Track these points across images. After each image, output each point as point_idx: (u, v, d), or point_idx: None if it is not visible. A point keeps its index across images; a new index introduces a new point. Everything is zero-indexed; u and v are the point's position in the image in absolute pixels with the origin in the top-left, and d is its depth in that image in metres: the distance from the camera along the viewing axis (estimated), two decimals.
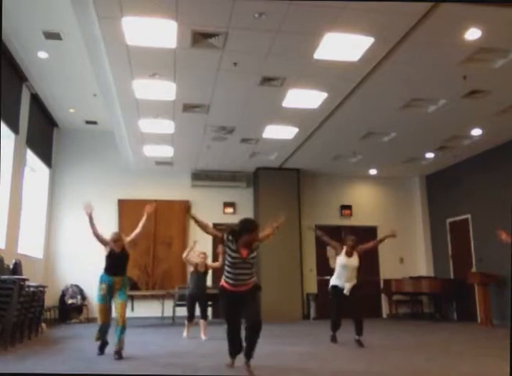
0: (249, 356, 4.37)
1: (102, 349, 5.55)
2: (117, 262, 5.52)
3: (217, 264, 7.50)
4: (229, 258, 4.31)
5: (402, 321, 10.93)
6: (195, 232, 11.59)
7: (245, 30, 5.56)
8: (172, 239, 11.44)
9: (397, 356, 5.66)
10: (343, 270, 6.53)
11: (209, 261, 8.48)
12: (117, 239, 5.55)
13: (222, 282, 4.45)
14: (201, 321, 7.31)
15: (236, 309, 4.38)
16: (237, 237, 4.30)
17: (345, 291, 6.44)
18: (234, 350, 4.58)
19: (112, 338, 5.47)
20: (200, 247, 8.10)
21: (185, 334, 7.34)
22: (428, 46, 5.88)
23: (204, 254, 7.68)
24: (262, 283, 10.64)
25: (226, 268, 4.38)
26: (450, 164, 11.34)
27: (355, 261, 6.56)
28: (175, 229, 11.53)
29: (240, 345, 4.53)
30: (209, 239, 11.40)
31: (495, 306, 9.53)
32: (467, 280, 9.94)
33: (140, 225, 5.77)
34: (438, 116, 8.09)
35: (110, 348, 5.48)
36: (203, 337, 7.14)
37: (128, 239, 5.69)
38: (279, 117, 8.35)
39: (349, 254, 6.57)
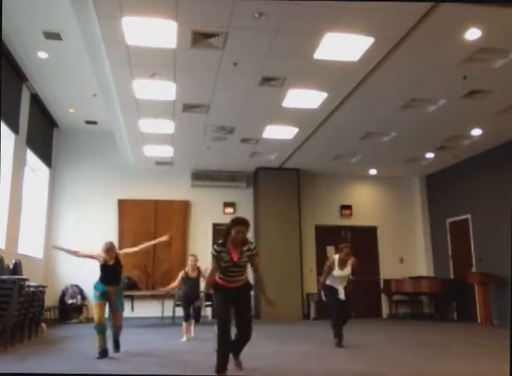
0: (238, 354, 4.41)
1: (103, 355, 5.40)
2: (110, 274, 5.54)
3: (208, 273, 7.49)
4: (222, 263, 4.25)
5: (402, 321, 10.93)
6: (195, 232, 11.66)
7: (245, 30, 5.56)
8: (172, 239, 11.39)
9: (397, 356, 5.66)
10: (336, 278, 6.59)
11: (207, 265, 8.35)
12: (109, 248, 5.54)
13: (216, 277, 4.40)
14: (192, 321, 7.36)
15: (228, 305, 4.30)
16: (226, 238, 4.25)
17: (341, 296, 6.46)
18: (223, 363, 4.18)
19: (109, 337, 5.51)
20: (200, 257, 7.79)
21: (184, 338, 7.16)
22: (428, 46, 5.88)
23: (194, 256, 7.53)
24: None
25: (220, 268, 4.33)
26: (450, 164, 11.33)
27: (347, 271, 6.60)
28: (175, 229, 11.51)
29: (228, 356, 4.26)
30: (208, 250, 11.34)
31: (495, 306, 9.52)
32: (467, 280, 9.93)
33: (142, 246, 5.79)
34: (438, 116, 8.09)
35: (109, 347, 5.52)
36: (192, 334, 7.21)
37: (123, 252, 5.72)
38: (279, 117, 8.35)
39: (342, 265, 6.56)
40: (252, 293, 4.62)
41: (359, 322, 9.32)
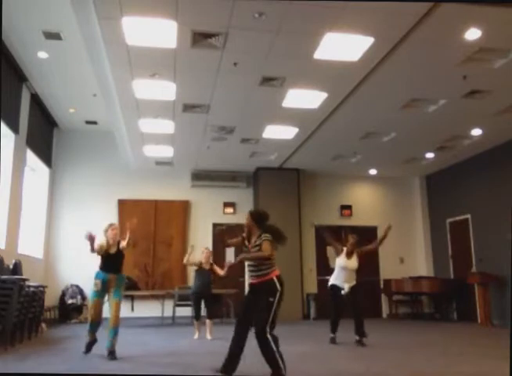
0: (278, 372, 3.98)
1: (89, 348, 5.43)
2: (111, 261, 5.48)
3: (221, 272, 7.17)
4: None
5: (402, 321, 10.93)
6: (195, 232, 11.65)
7: (245, 30, 5.56)
8: (172, 239, 11.44)
9: (397, 356, 5.66)
10: (341, 271, 6.54)
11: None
12: (112, 228, 5.56)
13: None
14: (207, 321, 7.17)
15: (247, 304, 4.25)
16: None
17: (343, 292, 6.43)
18: (230, 363, 4.02)
19: (103, 337, 5.41)
20: (201, 246, 7.94)
21: (196, 335, 7.12)
22: (428, 46, 5.88)
23: (207, 249, 7.46)
24: None
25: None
26: (450, 164, 11.33)
27: (354, 262, 6.54)
28: (175, 229, 11.53)
29: (238, 357, 4.07)
30: (209, 239, 11.38)
31: (495, 306, 9.53)
32: (467, 280, 9.94)
33: (125, 242, 5.55)
34: (438, 116, 8.09)
35: (101, 349, 5.39)
36: (208, 337, 7.03)
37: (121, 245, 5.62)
38: (279, 117, 8.35)
39: (349, 256, 6.54)
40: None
41: None
